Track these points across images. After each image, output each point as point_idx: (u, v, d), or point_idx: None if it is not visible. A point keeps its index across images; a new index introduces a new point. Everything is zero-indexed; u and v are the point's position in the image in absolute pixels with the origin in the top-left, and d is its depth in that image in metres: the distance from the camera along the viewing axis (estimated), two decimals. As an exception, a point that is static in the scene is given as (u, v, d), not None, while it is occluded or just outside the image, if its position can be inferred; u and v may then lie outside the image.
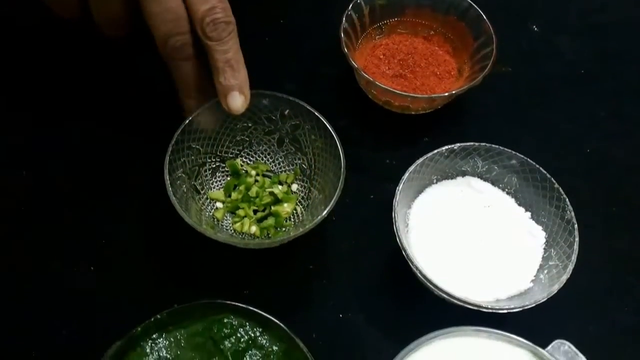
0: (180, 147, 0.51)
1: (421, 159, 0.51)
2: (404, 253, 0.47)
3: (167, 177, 0.48)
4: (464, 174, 0.54)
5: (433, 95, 0.57)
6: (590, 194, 0.58)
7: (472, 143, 0.52)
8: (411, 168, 0.50)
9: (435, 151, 0.51)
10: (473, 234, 0.51)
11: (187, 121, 0.51)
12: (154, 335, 0.42)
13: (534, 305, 0.45)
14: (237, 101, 0.49)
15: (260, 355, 0.43)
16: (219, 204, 0.54)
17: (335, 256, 0.54)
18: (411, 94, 0.57)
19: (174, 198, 0.47)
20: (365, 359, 0.49)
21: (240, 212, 0.53)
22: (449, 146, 0.52)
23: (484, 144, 0.52)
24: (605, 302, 0.53)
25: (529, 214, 0.52)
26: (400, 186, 0.49)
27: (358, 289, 0.52)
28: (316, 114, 0.52)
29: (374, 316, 0.51)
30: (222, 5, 0.47)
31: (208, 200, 0.54)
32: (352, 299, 0.52)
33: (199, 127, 0.52)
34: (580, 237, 0.48)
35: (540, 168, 0.51)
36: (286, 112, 0.54)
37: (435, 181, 0.54)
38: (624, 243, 0.56)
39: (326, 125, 0.51)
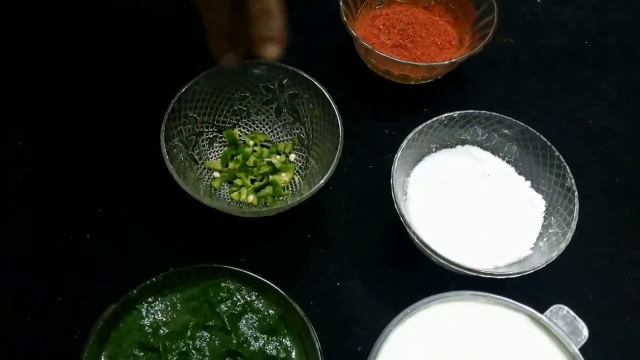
0: (177, 116, 0.50)
1: (420, 126, 0.50)
2: (402, 219, 0.46)
3: (163, 144, 0.48)
4: (463, 142, 0.53)
5: (433, 64, 0.56)
6: (592, 164, 0.58)
7: (472, 111, 0.52)
8: (410, 135, 0.50)
9: (435, 119, 0.51)
10: (472, 203, 0.51)
11: (183, 89, 0.50)
12: (150, 299, 0.42)
13: (532, 271, 0.45)
14: (273, 51, 0.45)
15: (256, 319, 0.43)
16: (216, 174, 0.54)
17: (333, 225, 0.54)
18: (410, 62, 0.57)
19: (170, 165, 0.47)
20: (363, 326, 0.49)
21: (238, 182, 0.53)
22: (449, 114, 0.51)
23: (484, 111, 0.52)
24: (605, 271, 0.52)
25: (529, 182, 0.52)
26: (399, 153, 0.49)
27: (356, 257, 0.52)
28: (314, 82, 0.51)
29: (372, 284, 0.51)
30: None
31: (205, 170, 0.54)
32: (349, 268, 0.52)
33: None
34: (582, 207, 0.48)
35: (541, 136, 0.50)
36: (284, 82, 0.53)
37: (434, 150, 0.53)
38: (626, 213, 0.55)
39: (324, 94, 0.51)
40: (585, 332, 0.41)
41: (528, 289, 0.47)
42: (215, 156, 0.55)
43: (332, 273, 0.51)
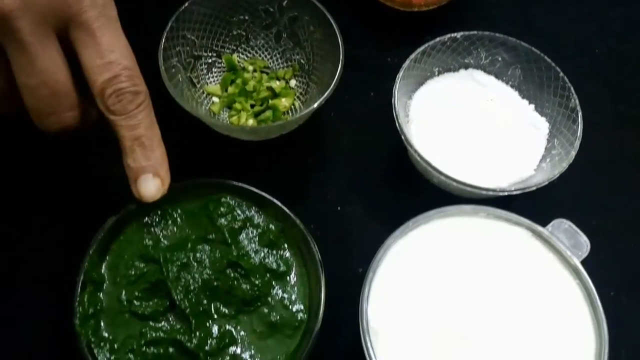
0: (175, 35, 0.49)
1: (422, 47, 0.49)
2: (403, 138, 0.46)
3: (161, 62, 0.47)
4: (466, 66, 0.52)
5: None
6: (598, 93, 0.57)
7: (475, 32, 0.51)
8: (412, 56, 0.49)
9: (438, 39, 0.50)
10: (475, 126, 0.50)
11: (182, 8, 0.49)
12: (150, 213, 0.42)
13: (534, 188, 0.44)
14: (150, 186, 0.39)
15: (256, 233, 0.43)
16: (215, 99, 0.53)
17: (334, 151, 0.53)
18: (413, -17, 0.55)
19: (168, 82, 0.46)
20: (364, 249, 0.48)
21: (237, 106, 0.52)
22: (452, 34, 0.50)
23: (487, 32, 0.51)
24: (609, 196, 0.52)
25: (532, 106, 0.51)
26: (401, 73, 0.48)
27: (357, 182, 0.52)
28: (315, 3, 0.50)
29: (373, 209, 0.51)
30: (128, 72, 0.38)
31: (204, 95, 0.53)
32: (350, 192, 0.51)
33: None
34: (586, 135, 0.47)
35: (545, 57, 0.50)
36: (284, 3, 0.52)
37: (437, 73, 0.52)
38: (631, 140, 0.55)
39: (325, 15, 0.50)
40: (586, 245, 0.41)
41: (530, 211, 0.47)
42: (214, 82, 0.54)
43: (333, 197, 0.51)
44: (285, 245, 0.43)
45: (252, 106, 0.53)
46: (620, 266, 0.48)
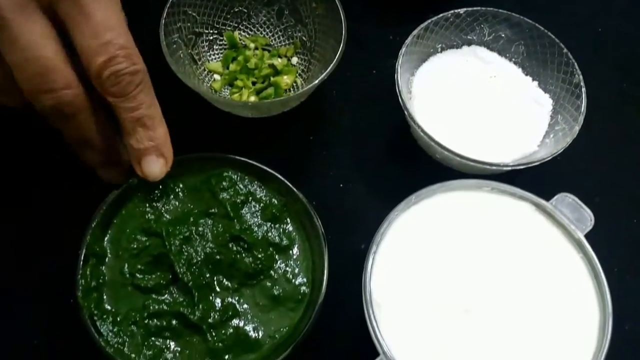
0: (176, 11, 0.49)
1: (426, 23, 0.49)
2: (406, 114, 0.46)
3: (162, 37, 0.47)
4: (469, 43, 0.52)
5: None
6: (601, 70, 0.56)
7: (478, 8, 0.50)
8: (415, 32, 0.49)
9: (441, 15, 0.49)
10: (477, 103, 0.50)
11: (182, -15, 0.49)
12: (152, 187, 0.42)
13: (538, 163, 0.44)
14: (155, 166, 0.39)
15: (259, 207, 0.42)
16: (216, 76, 0.53)
17: (336, 129, 0.53)
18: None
19: (170, 58, 0.46)
20: (366, 225, 0.48)
21: (239, 83, 0.52)
22: (455, 11, 0.50)
23: (491, 8, 0.50)
24: (613, 173, 0.52)
25: (536, 83, 0.51)
26: (404, 49, 0.48)
27: (359, 160, 0.52)
28: (317, -22, 0.50)
29: (375, 186, 0.50)
30: (125, 51, 0.36)
31: (206, 72, 0.53)
32: (352, 170, 0.51)
33: None
34: (590, 111, 0.47)
35: (549, 33, 0.49)
36: (286, -21, 0.52)
37: (440, 50, 0.52)
38: (635, 117, 0.55)
39: (327, -12, 0.49)
40: (590, 219, 0.41)
41: (534, 187, 0.47)
42: (215, 59, 0.54)
43: (335, 175, 0.51)
44: (288, 220, 0.43)
45: (253, 84, 0.53)
46: (623, 242, 0.48)
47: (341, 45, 0.47)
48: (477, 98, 0.50)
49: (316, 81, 0.46)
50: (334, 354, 0.44)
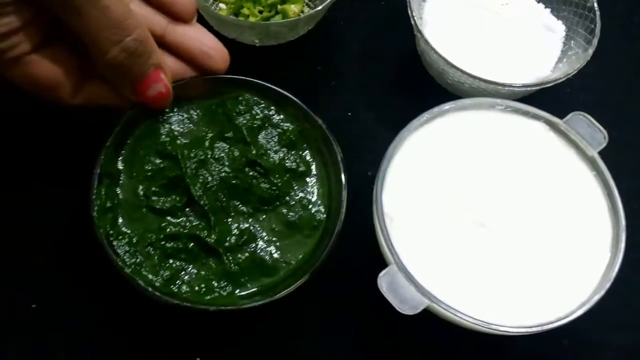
0: None
1: (437, -53, 0.48)
2: (418, 36, 0.45)
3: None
4: (481, -30, 0.51)
5: None
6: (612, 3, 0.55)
7: None
8: (426, -45, 0.47)
9: (452, -61, 0.48)
10: (490, 31, 0.50)
11: None
12: (166, 109, 0.41)
13: (552, 84, 0.44)
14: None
15: (275, 133, 0.42)
16: (222, 5, 0.52)
17: (344, 58, 0.52)
18: None
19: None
20: (374, 153, 0.48)
21: (245, 11, 0.51)
22: None
23: None
24: (625, 102, 0.52)
25: (548, 10, 0.50)
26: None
27: (367, 89, 0.51)
28: None
29: (385, 114, 0.50)
30: (142, 48, 0.36)
31: (211, 1, 0.52)
32: (361, 99, 0.51)
33: None
34: (601, 45, 0.46)
35: (561, -43, 0.48)
36: None
37: (451, -24, 0.51)
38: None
39: None
40: (603, 136, 0.41)
41: (547, 109, 0.46)
42: (220, -11, 0.53)
43: (343, 104, 0.50)
44: (305, 146, 0.42)
45: (260, 12, 0.52)
46: (637, 161, 0.48)
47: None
48: (489, 25, 0.50)
49: (324, 4, 0.45)
50: (341, 280, 0.43)
